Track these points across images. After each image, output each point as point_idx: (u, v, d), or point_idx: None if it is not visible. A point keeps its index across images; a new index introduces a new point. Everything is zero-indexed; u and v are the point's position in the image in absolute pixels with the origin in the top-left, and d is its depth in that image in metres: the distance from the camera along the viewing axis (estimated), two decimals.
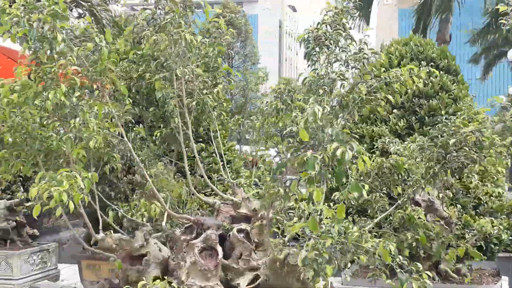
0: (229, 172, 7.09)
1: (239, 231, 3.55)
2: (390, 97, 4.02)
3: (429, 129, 6.41)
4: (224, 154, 6.99)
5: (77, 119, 3.24)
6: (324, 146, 2.78)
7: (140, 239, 3.61)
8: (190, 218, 3.67)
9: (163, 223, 3.91)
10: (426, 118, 6.41)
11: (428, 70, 4.03)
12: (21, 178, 6.59)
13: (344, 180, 2.93)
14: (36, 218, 6.14)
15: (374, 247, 3.02)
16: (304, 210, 3.65)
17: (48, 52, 3.25)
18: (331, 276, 2.92)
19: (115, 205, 4.11)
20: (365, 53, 4.09)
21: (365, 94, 3.93)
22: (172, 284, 3.29)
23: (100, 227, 3.62)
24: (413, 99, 6.48)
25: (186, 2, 3.47)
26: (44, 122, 3.69)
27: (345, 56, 4.11)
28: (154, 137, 4.24)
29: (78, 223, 10.08)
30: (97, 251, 3.78)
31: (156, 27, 3.46)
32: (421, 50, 6.73)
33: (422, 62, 6.52)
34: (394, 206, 3.90)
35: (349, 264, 3.16)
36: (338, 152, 2.68)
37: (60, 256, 7.16)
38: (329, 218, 3.11)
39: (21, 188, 6.49)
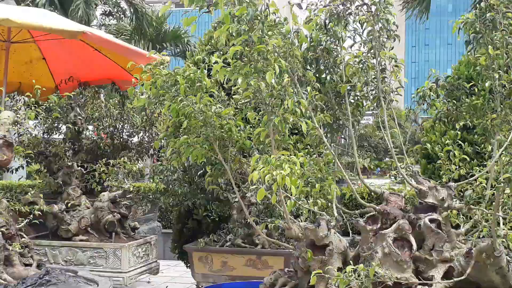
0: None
1: (431, 221, 3.42)
2: None
3: None
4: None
5: (288, 101, 3.12)
6: None
7: (324, 228, 3.50)
8: (375, 207, 3.55)
9: (334, 212, 3.80)
10: None
11: None
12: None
13: None
14: None
15: None
16: None
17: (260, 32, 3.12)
18: None
19: None
20: None
21: None
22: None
23: (288, 217, 3.49)
24: None
25: None
26: (221, 110, 3.60)
27: None
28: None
29: (152, 217, 10.06)
30: (277, 242, 3.68)
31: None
32: None
33: None
34: None
35: None
36: None
37: None
38: None
39: (126, 180, 6.41)
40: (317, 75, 4.04)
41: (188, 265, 7.15)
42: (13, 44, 7.14)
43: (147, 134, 8.18)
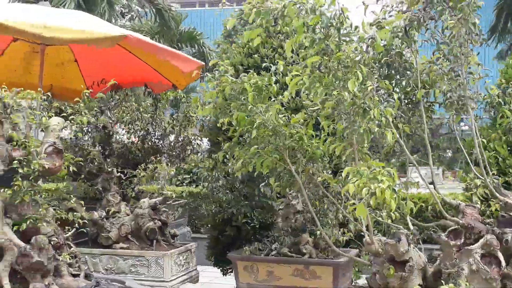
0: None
1: None
2: None
3: None
4: None
5: (374, 110, 2.95)
6: None
7: (404, 243, 3.32)
8: (458, 221, 3.37)
9: (410, 226, 3.62)
10: None
11: None
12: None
13: None
14: None
15: None
16: None
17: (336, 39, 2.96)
18: None
19: None
20: None
21: None
22: None
23: (371, 231, 3.32)
24: None
25: None
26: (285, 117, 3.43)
27: None
28: None
29: (183, 222, 9.89)
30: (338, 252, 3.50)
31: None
32: None
33: None
34: None
35: None
36: None
37: None
38: None
39: (164, 187, 6.23)
40: (387, 80, 3.88)
41: (224, 272, 6.99)
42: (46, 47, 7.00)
43: (180, 138, 8.02)
